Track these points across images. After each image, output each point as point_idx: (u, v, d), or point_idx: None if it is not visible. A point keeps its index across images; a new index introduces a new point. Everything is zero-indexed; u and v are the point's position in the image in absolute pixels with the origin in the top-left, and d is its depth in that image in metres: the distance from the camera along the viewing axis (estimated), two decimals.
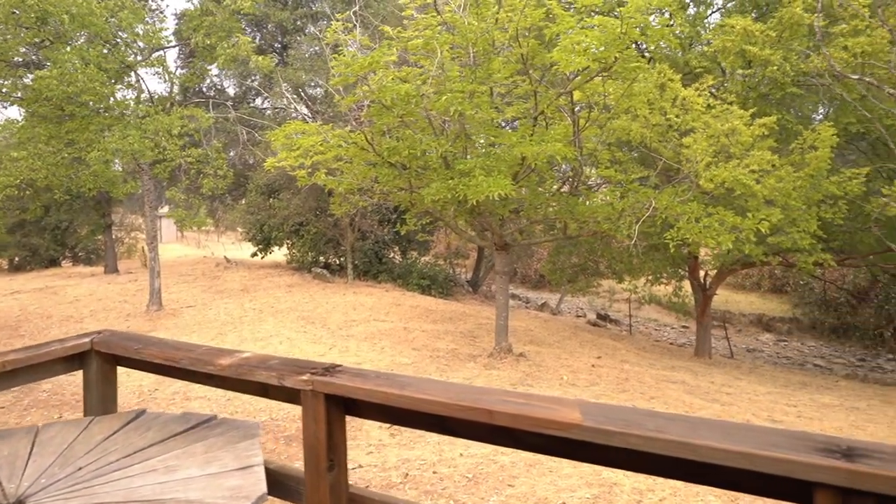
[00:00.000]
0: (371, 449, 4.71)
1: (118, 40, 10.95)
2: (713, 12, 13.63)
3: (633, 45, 12.95)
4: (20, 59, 11.47)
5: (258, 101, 22.47)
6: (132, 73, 11.22)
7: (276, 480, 1.87)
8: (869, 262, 12.59)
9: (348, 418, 1.76)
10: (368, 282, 15.16)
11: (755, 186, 8.33)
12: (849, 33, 9.68)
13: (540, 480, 4.12)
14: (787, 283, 20.87)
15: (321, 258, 16.66)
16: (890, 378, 12.55)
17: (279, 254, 17.70)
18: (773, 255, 10.64)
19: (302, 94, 20.94)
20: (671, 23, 12.80)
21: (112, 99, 10.80)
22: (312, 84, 20.90)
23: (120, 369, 2.45)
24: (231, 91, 22.38)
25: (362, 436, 4.94)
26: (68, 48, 9.83)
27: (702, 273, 13.12)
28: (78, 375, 2.44)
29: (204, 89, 20.18)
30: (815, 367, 13.61)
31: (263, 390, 1.92)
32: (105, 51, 10.51)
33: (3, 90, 10.38)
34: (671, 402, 6.16)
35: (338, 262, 16.71)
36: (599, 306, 18.94)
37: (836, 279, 17.71)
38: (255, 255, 17.55)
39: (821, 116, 12.88)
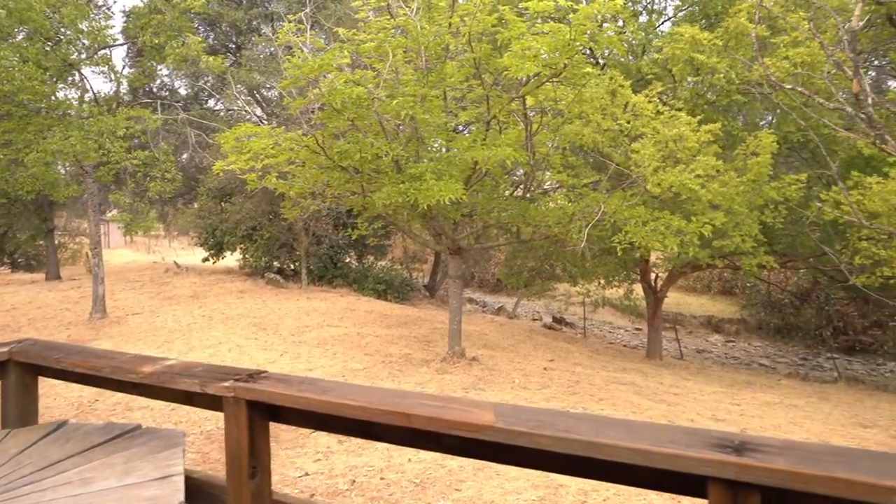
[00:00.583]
0: (319, 456, 4.66)
1: (60, 37, 10.57)
2: (664, 21, 14.02)
3: (588, 52, 13.28)
4: None
5: (211, 102, 22.03)
6: (75, 72, 10.84)
7: (199, 489, 1.83)
8: (809, 265, 13.13)
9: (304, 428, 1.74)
10: (323, 287, 15.00)
11: (700, 191, 8.59)
12: (790, 44, 10.09)
13: (487, 484, 4.14)
14: (735, 286, 21.54)
15: (275, 263, 16.40)
16: (829, 376, 13.09)
17: (232, 259, 17.35)
18: (719, 257, 10.98)
19: (257, 96, 20.62)
20: (624, 30, 13.13)
21: (53, 98, 10.41)
22: (268, 86, 20.61)
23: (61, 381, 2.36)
24: (183, 92, 21.88)
25: (311, 443, 4.88)
26: (5, 44, 9.44)
27: (653, 276, 13.44)
28: None
29: (154, 89, 19.65)
30: (761, 367, 14.08)
31: (187, 398, 1.87)
32: (46, 48, 10.13)
33: None
34: (619, 403, 6.28)
35: (292, 267, 16.48)
36: (555, 310, 19.18)
37: (781, 281, 18.39)
38: (206, 260, 17.16)
39: (767, 124, 13.35)
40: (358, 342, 8.75)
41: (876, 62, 13.93)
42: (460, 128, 11.69)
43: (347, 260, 16.94)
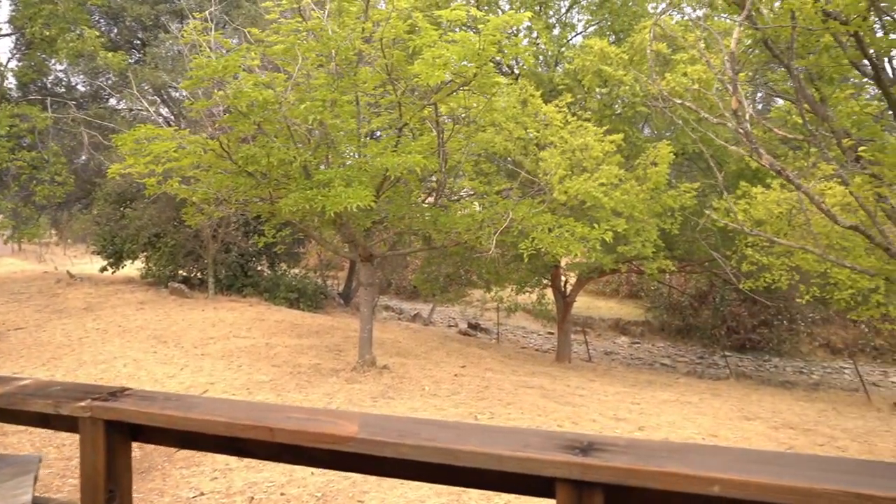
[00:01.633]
0: (216, 474, 4.46)
1: None
2: (576, 35, 14.55)
3: (503, 63, 13.60)
4: None
5: (113, 101, 20.74)
6: None
7: None
8: (705, 269, 14.01)
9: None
10: (232, 297, 14.45)
11: (603, 199, 8.97)
12: (688, 62, 10.75)
13: (391, 493, 4.11)
14: (641, 289, 22.58)
15: (180, 272, 15.64)
16: (722, 373, 13.99)
17: (133, 268, 16.38)
18: (623, 262, 11.51)
19: (164, 96, 19.61)
20: (538, 42, 13.55)
21: None
22: (175, 86, 19.64)
23: None
24: (82, 89, 20.46)
25: (208, 460, 4.66)
26: None
27: (563, 281, 13.89)
28: None
29: (49, 85, 18.28)
30: (662, 366, 14.86)
31: (42, 420, 1.73)
32: None
33: None
34: (526, 407, 6.42)
35: (199, 276, 15.76)
36: (471, 316, 19.41)
37: (682, 284, 19.49)
38: (104, 269, 16.10)
39: (671, 134, 14.09)
40: (266, 353, 8.48)
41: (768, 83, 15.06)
42: (377, 134, 11.64)
43: (259, 268, 16.42)
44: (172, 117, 19.02)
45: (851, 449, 5.91)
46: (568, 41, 14.14)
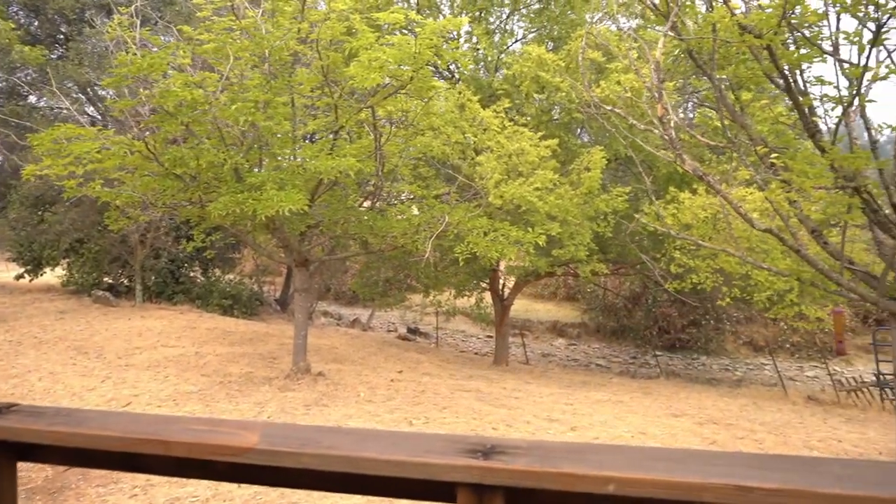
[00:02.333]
0: (136, 491, 4.25)
1: None
2: (516, 41, 14.75)
3: (440, 67, 13.65)
4: None
5: (33, 98, 19.56)
6: None
7: None
8: (637, 271, 14.46)
9: None
10: (162, 304, 13.88)
11: (538, 203, 9.13)
12: (621, 70, 11.08)
13: (321, 502, 4.03)
14: (578, 292, 23.12)
15: (105, 279, 14.90)
16: (653, 372, 14.48)
17: (54, 275, 15.48)
18: (558, 266, 11.73)
19: (90, 94, 18.66)
20: (478, 48, 13.67)
21: None
22: (102, 84, 18.69)
23: None
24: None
25: (127, 477, 4.44)
26: None
27: (501, 284, 14.03)
28: None
29: None
30: (597, 367, 15.24)
31: None
32: None
33: None
34: (461, 410, 6.44)
35: (127, 283, 15.06)
36: (411, 320, 19.36)
37: (617, 287, 20.06)
38: (20, 277, 15.15)
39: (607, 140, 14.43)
40: (195, 363, 8.17)
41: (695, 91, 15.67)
42: (317, 136, 11.45)
43: (192, 274, 15.84)
44: (99, 117, 18.13)
45: (768, 441, 6.22)
46: (508, 47, 14.34)
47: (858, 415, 8.86)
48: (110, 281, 15.08)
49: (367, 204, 10.31)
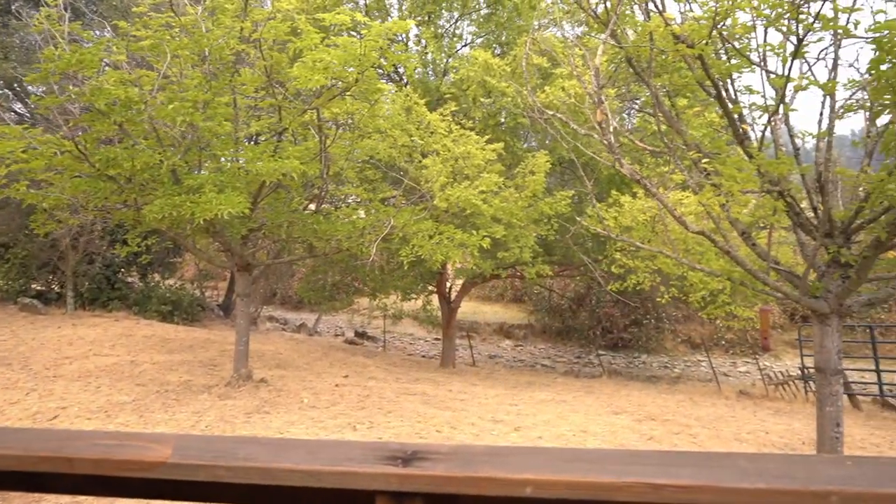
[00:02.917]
0: None
1: None
2: (464, 45, 14.82)
3: (385, 70, 13.58)
4: None
5: None
6: None
7: None
8: (581, 273, 14.75)
9: None
10: (96, 312, 13.28)
11: (482, 206, 9.20)
12: (566, 76, 11.29)
13: None
14: (525, 294, 23.42)
15: (34, 286, 14.15)
16: (596, 371, 14.81)
17: None
18: (503, 268, 11.85)
19: (18, 90, 17.68)
20: (427, 51, 13.66)
21: None
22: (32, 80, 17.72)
23: None
24: None
25: (50, 498, 4.21)
26: None
27: (448, 287, 14.07)
28: None
29: None
30: (543, 367, 15.46)
31: None
32: None
33: None
34: (406, 414, 6.40)
35: (58, 290, 14.34)
36: (358, 324, 19.17)
37: (562, 288, 20.42)
38: None
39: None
40: (130, 372, 7.85)
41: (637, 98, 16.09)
42: (262, 138, 11.19)
43: (129, 280, 15.22)
44: (28, 114, 17.20)
45: (702, 435, 6.45)
46: (456, 51, 14.40)
47: (785, 407, 9.30)
48: (39, 288, 14.33)
49: (312, 207, 10.15)
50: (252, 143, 12.03)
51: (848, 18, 5.01)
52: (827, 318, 5.04)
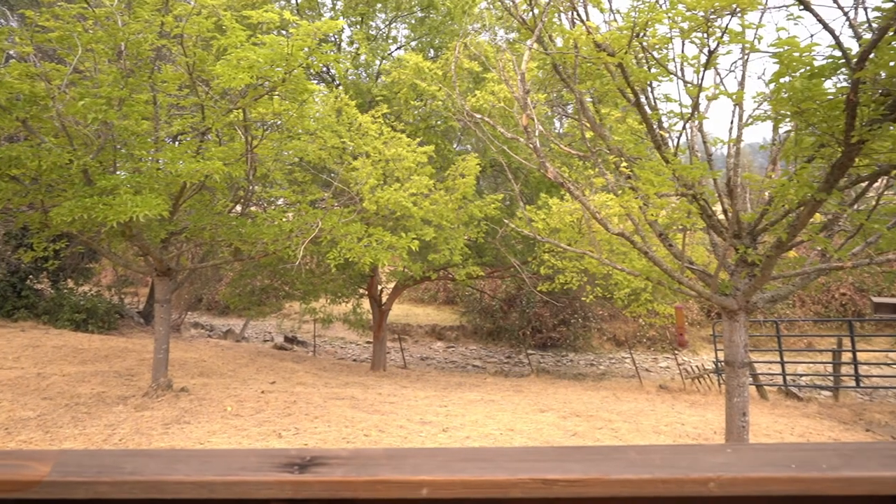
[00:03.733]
0: None
1: None
2: (398, 47, 14.74)
3: (314, 70, 13.34)
4: None
5: None
6: None
7: None
8: (511, 274, 15.00)
9: None
10: (0, 321, 12.39)
11: (412, 208, 9.19)
12: (497, 80, 11.44)
13: None
14: (457, 295, 23.57)
15: None
16: (526, 370, 15.09)
17: None
18: (434, 270, 11.90)
19: None
20: (359, 53, 13.50)
21: None
22: None
23: None
24: None
25: None
26: None
27: (379, 290, 13.97)
28: None
29: None
30: (474, 368, 15.61)
31: None
32: None
33: None
34: (334, 419, 6.31)
35: None
36: (288, 329, 18.76)
37: (494, 289, 20.68)
38: None
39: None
40: (36, 385, 7.35)
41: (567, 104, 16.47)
42: (188, 138, 10.75)
43: (40, 287, 14.27)
44: None
45: (623, 429, 6.69)
46: (389, 54, 14.32)
47: (700, 399, 9.77)
48: None
49: (239, 209, 9.85)
50: (175, 142, 11.56)
51: (755, 34, 5.34)
52: (735, 314, 5.33)
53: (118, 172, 8.00)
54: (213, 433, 5.61)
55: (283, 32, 11.61)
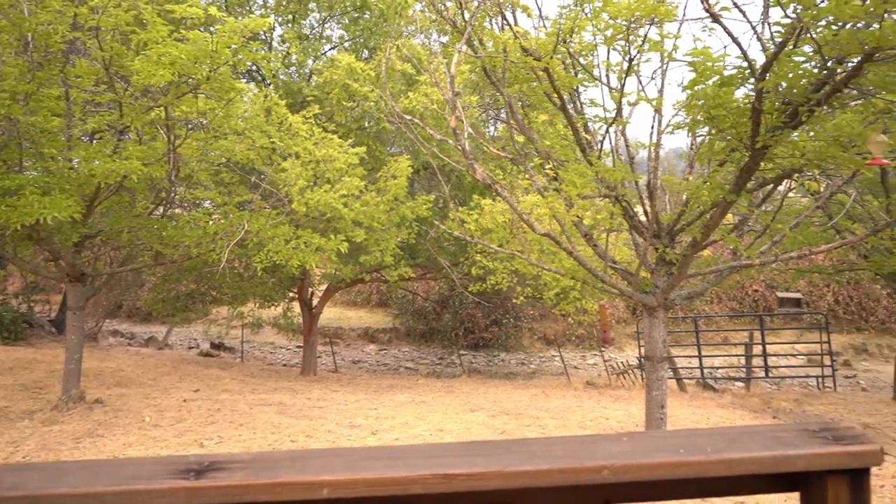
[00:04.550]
0: None
1: None
2: (332, 48, 14.49)
3: (245, 68, 12.97)
4: None
5: None
6: None
7: None
8: (443, 275, 15.07)
9: None
10: None
11: (343, 210, 9.09)
12: (430, 83, 11.45)
13: None
14: (390, 298, 23.42)
15: None
16: (457, 371, 15.22)
17: None
18: (366, 272, 11.81)
19: None
20: (293, 55, 13.19)
21: None
22: None
23: None
24: None
25: None
26: None
27: (310, 293, 13.72)
28: None
29: None
30: (406, 370, 15.59)
31: None
32: None
33: None
34: (260, 426, 6.15)
35: None
36: (215, 335, 18.12)
37: (427, 291, 20.69)
38: None
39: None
40: None
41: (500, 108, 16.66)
42: (105, 136, 10.19)
43: None
44: None
45: (550, 425, 6.86)
46: (322, 53, 14.08)
47: (625, 394, 10.15)
48: None
49: (161, 210, 9.44)
50: (91, 141, 10.96)
51: (673, 44, 5.60)
52: (655, 310, 5.56)
53: (26, 172, 7.53)
54: (129, 445, 5.36)
55: (210, 29, 11.21)
